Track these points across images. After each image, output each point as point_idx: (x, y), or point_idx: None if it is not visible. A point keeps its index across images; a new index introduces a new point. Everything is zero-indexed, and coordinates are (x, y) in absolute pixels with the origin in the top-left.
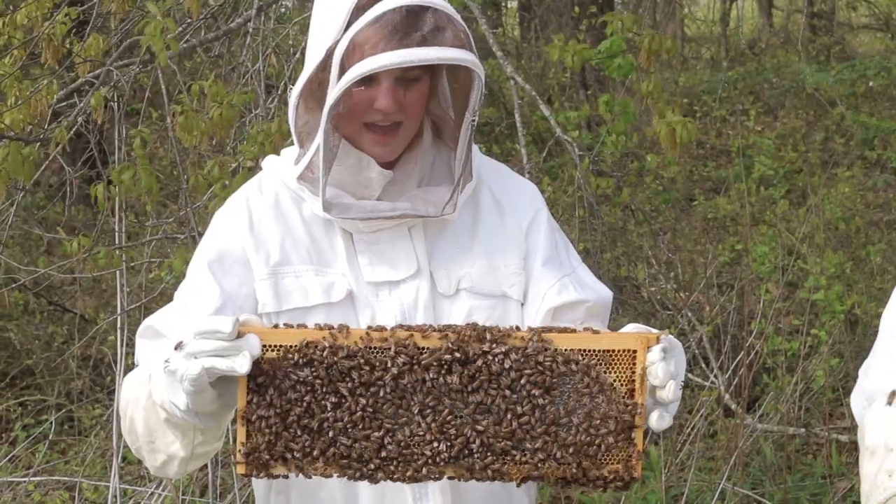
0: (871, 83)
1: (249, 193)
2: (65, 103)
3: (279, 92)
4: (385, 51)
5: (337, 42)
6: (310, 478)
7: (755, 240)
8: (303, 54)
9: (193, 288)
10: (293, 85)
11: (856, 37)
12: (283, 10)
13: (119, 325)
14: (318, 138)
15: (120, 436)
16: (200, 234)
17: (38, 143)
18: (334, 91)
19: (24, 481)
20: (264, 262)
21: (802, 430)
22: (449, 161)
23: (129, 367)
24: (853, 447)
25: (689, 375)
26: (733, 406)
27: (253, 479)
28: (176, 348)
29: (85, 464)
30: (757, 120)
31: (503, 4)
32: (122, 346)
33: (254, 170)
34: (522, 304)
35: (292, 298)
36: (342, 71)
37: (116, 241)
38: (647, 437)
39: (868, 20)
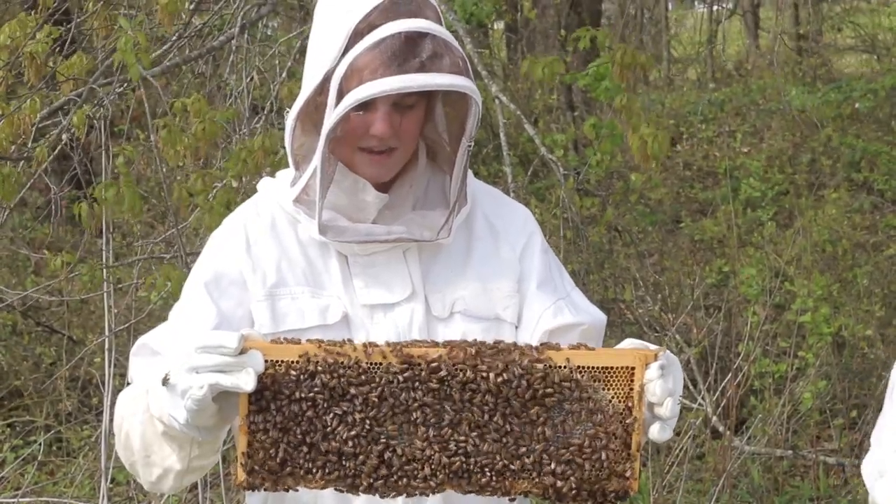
0: (857, 105)
1: (246, 215)
2: (50, 122)
3: (265, 112)
4: (384, 76)
5: (335, 66)
6: (312, 489)
7: (742, 262)
8: (288, 74)
9: (189, 308)
10: (280, 105)
11: (841, 58)
12: (268, 31)
13: (107, 346)
14: (315, 161)
15: (109, 457)
16: (188, 254)
17: (21, 162)
18: (332, 116)
19: (13, 502)
20: (261, 284)
21: (790, 452)
22: (443, 185)
23: (118, 387)
24: (840, 470)
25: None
26: (721, 428)
27: (247, 495)
28: (163, 382)
29: (74, 485)
30: (743, 141)
31: (490, 26)
32: (109, 367)
33: (239, 189)
34: (517, 327)
35: (288, 320)
36: (340, 95)
37: (103, 262)
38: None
39: (854, 41)
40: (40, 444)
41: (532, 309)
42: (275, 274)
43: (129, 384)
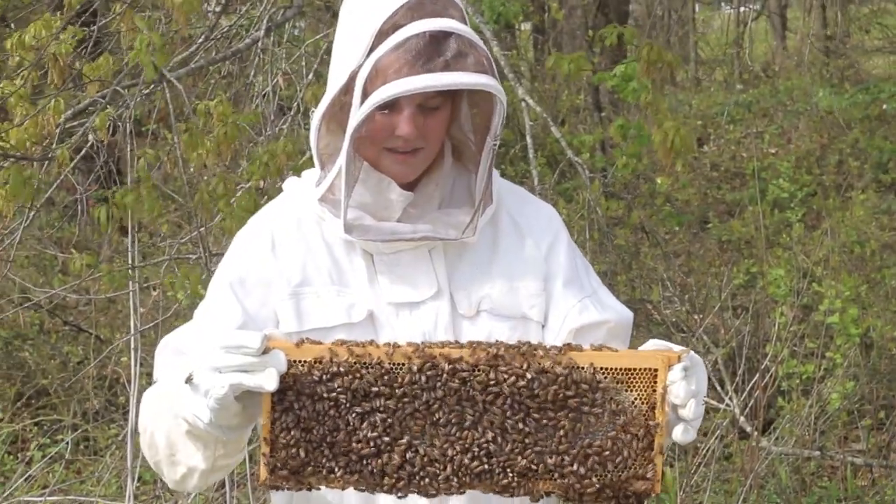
0: (885, 106)
1: (271, 214)
2: (76, 123)
3: (291, 114)
4: (409, 76)
5: (360, 66)
6: (334, 488)
7: (770, 262)
8: (316, 76)
9: (214, 307)
10: (307, 107)
11: (869, 59)
12: (295, 31)
13: (133, 345)
14: (341, 161)
15: (135, 456)
16: (212, 255)
17: (45, 164)
18: (357, 115)
19: (41, 501)
20: (286, 283)
21: (818, 452)
22: (469, 183)
23: (144, 386)
24: (868, 470)
25: (705, 398)
26: (748, 428)
27: (272, 494)
28: (187, 381)
29: (101, 484)
30: (771, 142)
31: (516, 27)
32: (136, 365)
33: (261, 190)
34: (543, 326)
35: (313, 318)
36: (365, 95)
37: (130, 261)
38: (664, 458)
39: (881, 43)
40: (67, 443)
41: (558, 307)
42: (300, 273)
43: (154, 383)
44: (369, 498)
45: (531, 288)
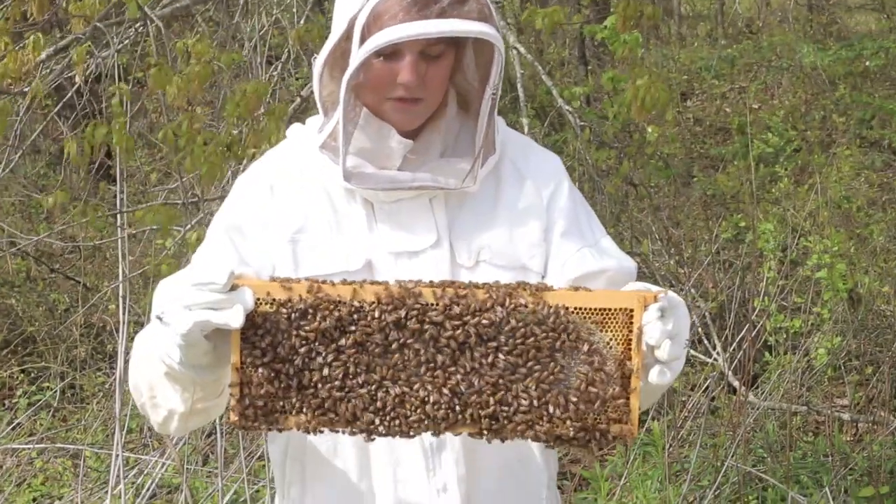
0: (867, 63)
1: (272, 160)
2: (60, 62)
3: (281, 61)
4: (403, 22)
5: (359, 11)
6: (308, 433)
7: (759, 217)
8: (305, 22)
9: (210, 251)
10: (297, 55)
11: (852, 16)
12: None
13: (121, 292)
14: (338, 107)
15: (124, 404)
16: (196, 200)
17: (22, 98)
18: (353, 61)
19: (28, 448)
20: (283, 229)
21: (804, 407)
22: (473, 133)
23: (132, 334)
24: (854, 425)
25: (692, 352)
26: (735, 383)
27: (269, 446)
28: (158, 317)
29: (87, 432)
30: (755, 97)
31: None
32: (124, 313)
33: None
34: (543, 276)
35: (310, 265)
36: (363, 41)
37: (118, 207)
38: (650, 413)
39: (863, 0)
40: (55, 391)
41: (558, 257)
42: (298, 219)
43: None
44: (364, 448)
45: (532, 237)
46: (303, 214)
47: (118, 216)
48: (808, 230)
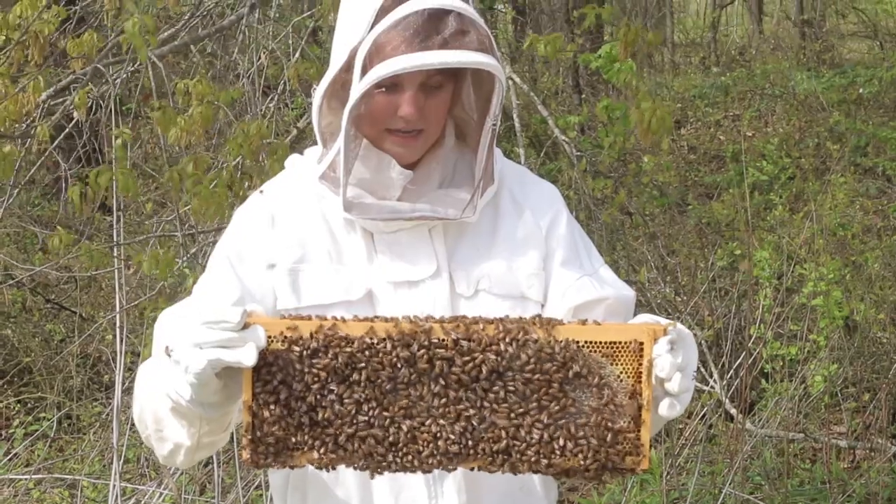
0: (861, 90)
1: (272, 191)
2: (59, 101)
3: (277, 93)
4: (406, 53)
5: (360, 42)
6: (321, 469)
7: (755, 245)
8: (302, 56)
9: (212, 282)
10: (293, 88)
11: (845, 44)
12: (275, 14)
13: (118, 323)
14: (340, 139)
15: (121, 434)
16: (194, 232)
17: (25, 141)
18: (354, 92)
19: (25, 479)
20: (284, 259)
21: (801, 434)
22: (471, 164)
23: (128, 365)
24: (851, 452)
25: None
26: (732, 411)
27: (269, 474)
28: (167, 354)
29: (84, 462)
30: (749, 125)
31: (498, 8)
32: (120, 343)
33: (240, 170)
34: (542, 305)
35: (311, 296)
36: (364, 72)
37: (114, 238)
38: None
39: (857, 27)
40: (51, 422)
41: (557, 286)
42: (299, 250)
43: (147, 358)
44: (366, 476)
45: (530, 267)
46: (303, 245)
47: (115, 248)
48: (803, 258)
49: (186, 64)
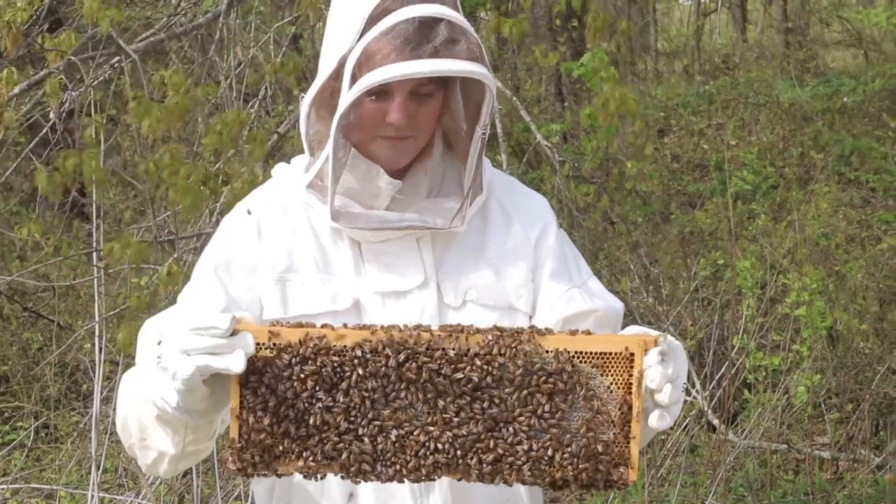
0: (845, 99)
1: (258, 200)
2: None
3: (259, 99)
4: (396, 62)
5: (350, 51)
6: (308, 478)
7: (738, 255)
8: (281, 63)
9: (198, 291)
10: (273, 92)
11: (829, 52)
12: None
13: (97, 332)
14: (328, 148)
15: (99, 444)
16: (174, 235)
17: None
18: (344, 100)
19: (2, 489)
20: (271, 269)
21: (784, 445)
22: (459, 173)
23: (106, 374)
24: (834, 463)
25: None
26: (715, 421)
27: (253, 484)
28: (157, 361)
29: (62, 472)
30: (732, 134)
31: (480, 16)
32: (99, 353)
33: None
34: (531, 317)
35: (298, 305)
36: (354, 80)
37: (94, 246)
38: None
39: (841, 36)
40: (29, 431)
41: (546, 298)
42: (286, 259)
43: (132, 367)
44: (350, 486)
45: (519, 278)
46: (290, 254)
47: (93, 255)
48: (786, 267)
49: (164, 68)
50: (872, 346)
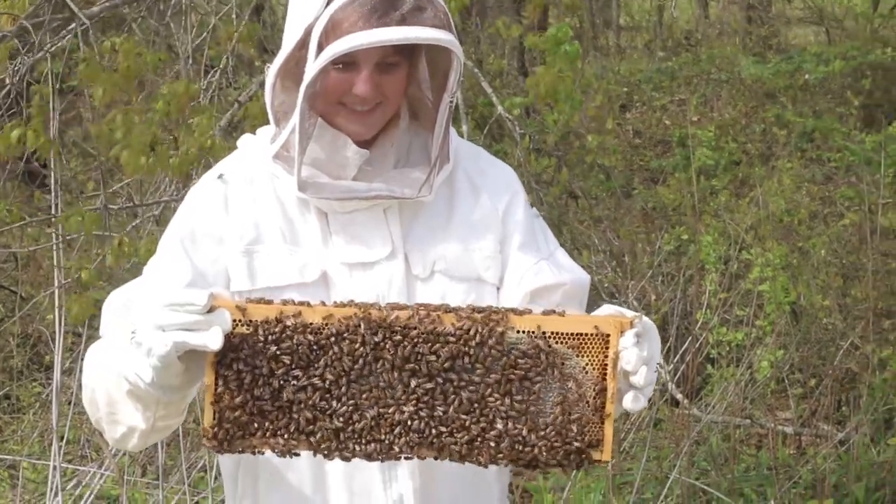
0: (807, 76)
1: (224, 171)
2: None
3: (220, 67)
4: (363, 29)
5: (316, 20)
6: (283, 455)
7: (701, 231)
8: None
9: (164, 263)
10: (235, 65)
11: (791, 29)
12: None
13: (56, 302)
14: (295, 118)
15: (61, 415)
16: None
17: None
18: (311, 69)
19: None
20: (238, 240)
21: (747, 420)
22: (426, 144)
23: (68, 345)
24: (797, 438)
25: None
26: (678, 396)
27: (220, 458)
28: (132, 333)
29: (24, 443)
30: (696, 110)
31: None
32: (60, 323)
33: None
34: (498, 289)
35: (265, 277)
36: (320, 50)
37: (52, 214)
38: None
39: (802, 13)
40: None
41: (514, 270)
42: (252, 231)
43: (98, 339)
44: (319, 461)
45: (487, 249)
46: (256, 226)
47: (53, 224)
48: (749, 243)
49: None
50: (835, 322)
